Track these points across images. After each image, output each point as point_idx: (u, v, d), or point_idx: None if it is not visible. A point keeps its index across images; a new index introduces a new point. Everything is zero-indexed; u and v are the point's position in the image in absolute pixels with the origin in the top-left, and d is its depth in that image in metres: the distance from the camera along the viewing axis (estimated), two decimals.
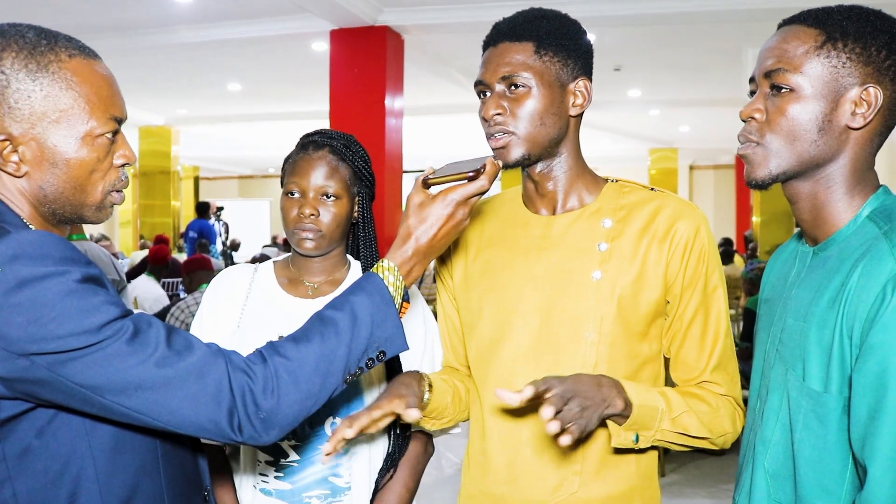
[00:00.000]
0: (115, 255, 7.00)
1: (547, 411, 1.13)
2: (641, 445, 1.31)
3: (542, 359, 1.36)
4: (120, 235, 14.80)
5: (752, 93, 1.18)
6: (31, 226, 1.07)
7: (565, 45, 1.33)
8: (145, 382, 0.98)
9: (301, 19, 6.43)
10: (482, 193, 1.23)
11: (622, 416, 1.26)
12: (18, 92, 1.03)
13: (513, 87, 1.31)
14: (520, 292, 1.39)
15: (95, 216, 1.13)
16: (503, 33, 1.34)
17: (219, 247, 10.72)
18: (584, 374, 1.25)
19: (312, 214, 1.54)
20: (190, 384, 1.00)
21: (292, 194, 1.57)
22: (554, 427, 1.13)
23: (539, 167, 1.38)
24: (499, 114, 1.32)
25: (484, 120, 1.34)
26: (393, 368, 1.56)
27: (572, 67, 1.34)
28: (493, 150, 1.34)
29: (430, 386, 1.39)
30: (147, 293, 5.63)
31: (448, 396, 1.43)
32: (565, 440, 1.15)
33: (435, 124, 11.88)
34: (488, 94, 1.34)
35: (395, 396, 1.30)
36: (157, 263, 6.07)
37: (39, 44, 1.05)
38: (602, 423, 1.27)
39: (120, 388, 0.98)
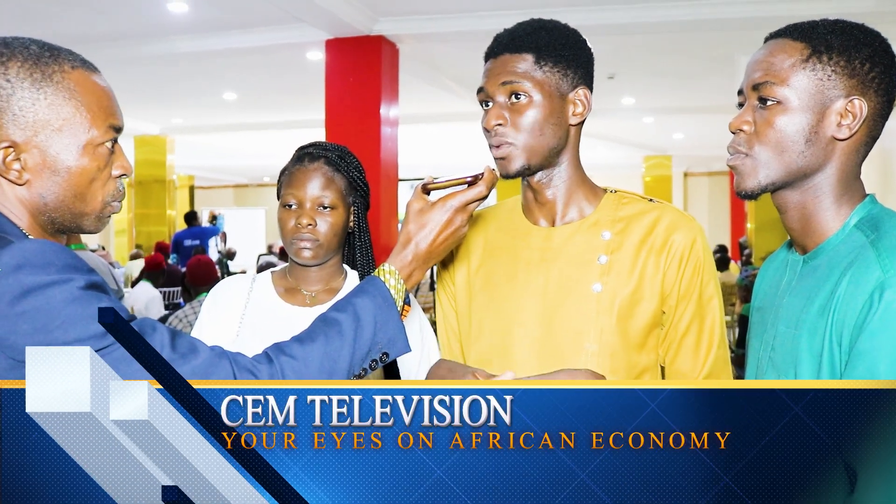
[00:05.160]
0: (111, 264, 7.01)
1: None
2: None
3: (543, 369, 1.36)
4: (115, 244, 14.78)
5: (741, 105, 1.20)
6: (29, 236, 1.08)
7: (565, 55, 1.34)
8: None
9: (296, 29, 6.45)
10: (481, 200, 1.25)
11: None
12: (23, 100, 1.05)
13: (513, 98, 1.33)
14: (521, 304, 1.40)
15: (94, 225, 1.14)
16: (504, 45, 1.35)
17: (214, 255, 10.69)
18: (587, 371, 1.27)
19: (310, 224, 1.57)
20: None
21: (289, 206, 1.60)
22: None
23: (538, 176, 1.40)
24: (500, 124, 1.34)
25: (486, 130, 1.36)
26: (391, 376, 1.58)
27: (572, 77, 1.35)
28: (494, 159, 1.36)
29: None
30: (143, 295, 5.74)
31: None
32: None
33: (430, 133, 11.89)
34: (490, 104, 1.36)
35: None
36: (153, 270, 6.18)
37: (43, 55, 1.07)
38: None
39: None
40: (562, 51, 1.34)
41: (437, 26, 6.33)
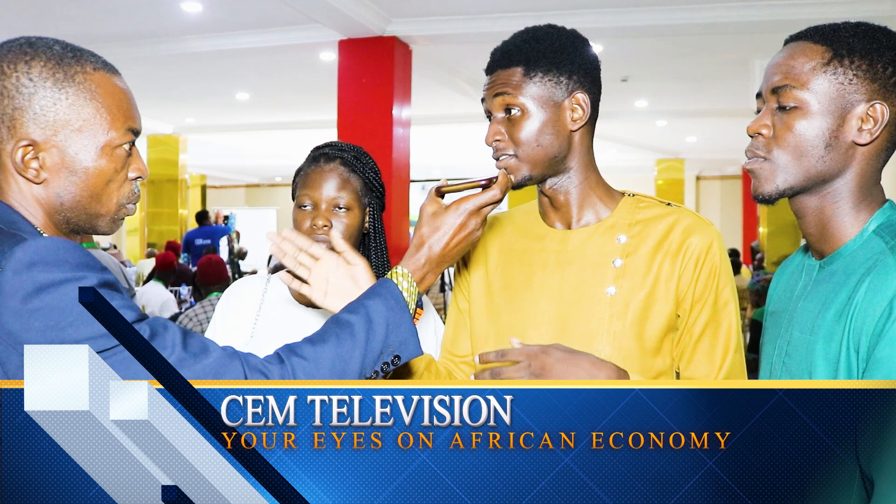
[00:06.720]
0: (123, 263, 7.03)
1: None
2: None
3: None
4: (127, 244, 14.87)
5: (759, 108, 1.18)
6: (43, 234, 1.09)
7: (556, 62, 1.34)
8: None
9: (310, 29, 6.47)
10: (495, 203, 1.25)
11: None
12: (45, 99, 1.06)
13: (508, 113, 1.34)
14: (536, 306, 1.40)
15: (109, 226, 1.15)
16: (496, 60, 1.37)
17: (225, 255, 10.72)
18: (591, 357, 1.24)
19: (325, 226, 1.56)
20: None
21: (305, 206, 1.59)
22: None
23: (549, 183, 1.40)
24: (498, 139, 1.35)
25: (488, 144, 1.37)
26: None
27: (566, 83, 1.35)
28: None
29: None
30: (156, 297, 5.71)
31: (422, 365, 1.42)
32: None
33: (442, 134, 11.91)
34: (491, 118, 1.38)
35: None
36: (163, 269, 6.14)
37: (66, 56, 1.08)
38: None
39: None
40: (553, 58, 1.34)
41: (450, 27, 6.34)
